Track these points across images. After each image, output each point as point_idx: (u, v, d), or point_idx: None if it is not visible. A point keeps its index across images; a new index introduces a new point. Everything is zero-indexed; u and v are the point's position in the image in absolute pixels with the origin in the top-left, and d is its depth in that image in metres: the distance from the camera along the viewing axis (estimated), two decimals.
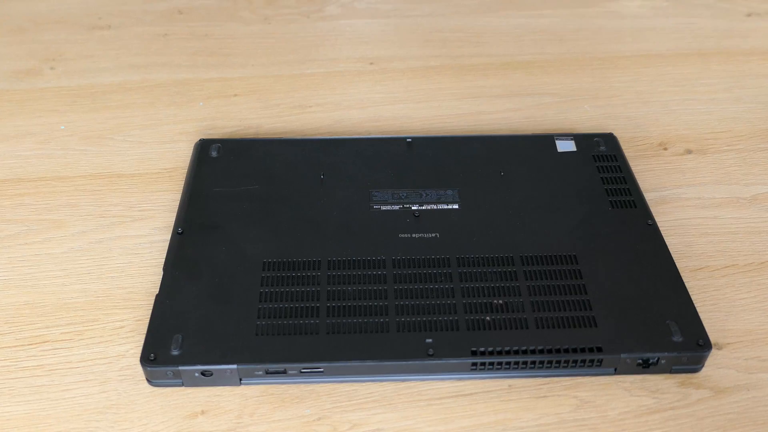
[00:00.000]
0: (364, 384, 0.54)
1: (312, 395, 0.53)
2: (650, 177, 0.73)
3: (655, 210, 0.66)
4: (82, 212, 0.69)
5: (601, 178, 0.68)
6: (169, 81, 0.88)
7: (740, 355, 0.56)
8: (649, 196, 0.68)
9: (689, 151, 0.76)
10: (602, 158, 0.71)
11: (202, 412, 0.52)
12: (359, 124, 0.81)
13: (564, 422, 0.52)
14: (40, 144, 0.77)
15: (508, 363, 0.53)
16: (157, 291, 0.57)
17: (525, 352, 0.53)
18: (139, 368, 0.55)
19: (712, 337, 0.56)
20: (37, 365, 0.55)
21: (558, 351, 0.53)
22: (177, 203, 0.67)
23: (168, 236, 0.63)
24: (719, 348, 0.57)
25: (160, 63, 0.91)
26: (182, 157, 0.75)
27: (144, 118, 0.81)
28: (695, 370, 0.55)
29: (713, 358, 0.56)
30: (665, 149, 0.77)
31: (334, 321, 0.55)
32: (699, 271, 0.63)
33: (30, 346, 0.57)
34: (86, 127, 0.80)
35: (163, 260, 0.60)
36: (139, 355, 0.56)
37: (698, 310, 0.56)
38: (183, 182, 0.69)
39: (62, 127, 0.80)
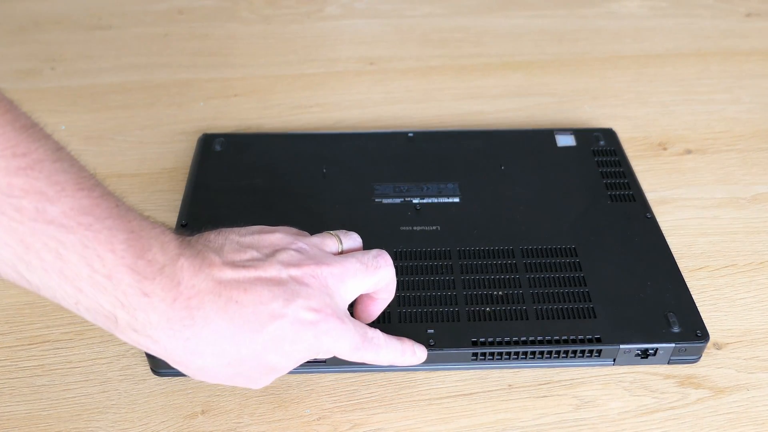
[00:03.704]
0: (364, 384, 0.54)
1: (312, 395, 0.53)
2: (650, 177, 0.73)
3: (655, 210, 0.66)
4: None
5: (601, 172, 0.69)
6: (169, 81, 0.88)
7: (740, 355, 0.56)
8: (649, 197, 0.68)
9: (689, 151, 0.77)
10: (601, 153, 0.71)
11: (202, 412, 0.52)
12: (359, 124, 0.81)
13: (564, 422, 0.52)
14: None
15: (508, 353, 0.54)
16: None
17: (525, 342, 0.54)
18: (140, 368, 0.55)
19: (712, 337, 0.56)
20: (38, 365, 0.55)
21: (557, 341, 0.54)
22: (178, 203, 0.67)
23: None
24: (719, 348, 0.57)
25: (160, 63, 0.91)
26: (182, 157, 0.75)
27: (144, 118, 0.81)
28: (693, 362, 0.55)
29: (713, 358, 0.56)
30: (665, 149, 0.77)
31: None
32: (699, 270, 0.63)
33: (30, 345, 0.57)
34: (86, 127, 0.80)
35: None
36: (138, 355, 0.56)
37: (698, 309, 0.56)
38: (184, 182, 0.70)
39: (62, 128, 0.80)
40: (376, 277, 0.48)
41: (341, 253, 0.50)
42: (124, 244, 0.38)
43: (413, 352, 0.50)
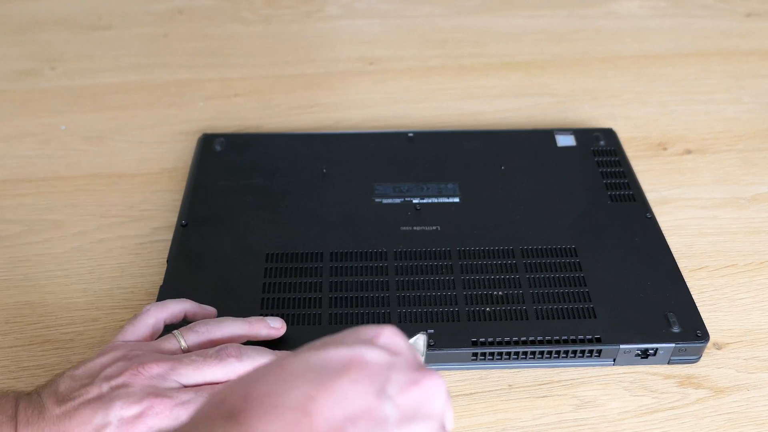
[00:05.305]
0: None
1: None
2: (650, 177, 0.73)
3: (655, 210, 0.66)
4: (82, 212, 0.69)
5: (601, 172, 0.69)
6: (169, 81, 0.88)
7: (740, 355, 0.56)
8: (649, 197, 0.68)
9: (689, 151, 0.77)
10: (601, 153, 0.71)
11: None
12: (359, 124, 0.81)
13: (564, 422, 0.52)
14: (41, 144, 0.77)
15: (508, 353, 0.54)
16: (157, 291, 0.57)
17: (525, 342, 0.54)
18: None
19: (712, 337, 0.56)
20: (38, 365, 0.55)
21: (557, 341, 0.54)
22: (177, 203, 0.67)
23: (169, 236, 0.63)
24: (719, 348, 0.57)
25: (160, 63, 0.91)
26: (182, 157, 0.75)
27: (144, 118, 0.81)
28: (693, 362, 0.55)
29: (713, 358, 0.56)
30: (665, 149, 0.77)
31: (336, 311, 0.56)
32: (699, 270, 0.63)
33: (31, 345, 0.57)
34: (86, 127, 0.80)
35: (164, 260, 0.60)
36: None
37: (698, 309, 0.56)
38: (184, 182, 0.70)
39: (63, 127, 0.80)
40: (223, 369, 0.46)
41: (186, 350, 0.48)
42: None
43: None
